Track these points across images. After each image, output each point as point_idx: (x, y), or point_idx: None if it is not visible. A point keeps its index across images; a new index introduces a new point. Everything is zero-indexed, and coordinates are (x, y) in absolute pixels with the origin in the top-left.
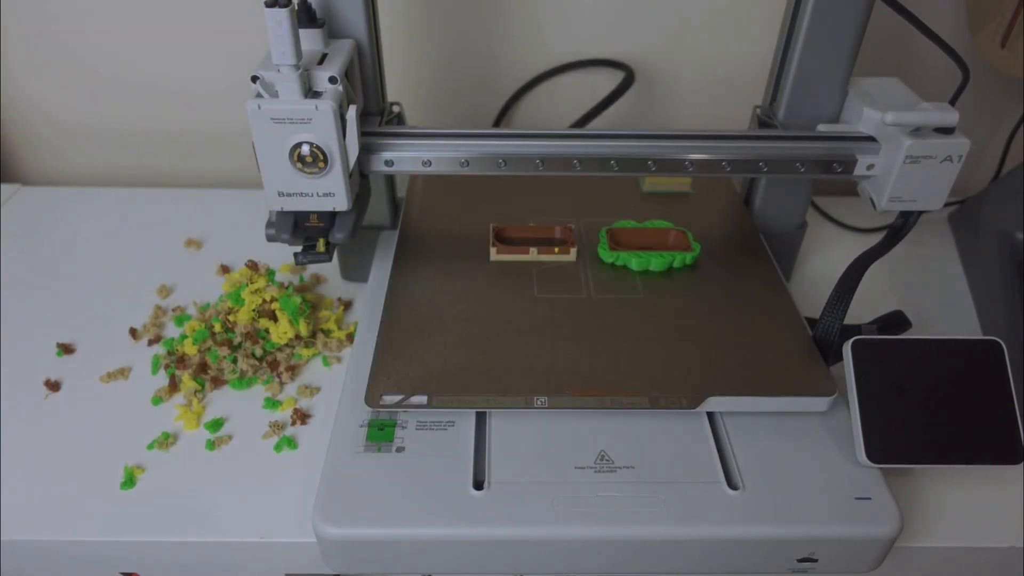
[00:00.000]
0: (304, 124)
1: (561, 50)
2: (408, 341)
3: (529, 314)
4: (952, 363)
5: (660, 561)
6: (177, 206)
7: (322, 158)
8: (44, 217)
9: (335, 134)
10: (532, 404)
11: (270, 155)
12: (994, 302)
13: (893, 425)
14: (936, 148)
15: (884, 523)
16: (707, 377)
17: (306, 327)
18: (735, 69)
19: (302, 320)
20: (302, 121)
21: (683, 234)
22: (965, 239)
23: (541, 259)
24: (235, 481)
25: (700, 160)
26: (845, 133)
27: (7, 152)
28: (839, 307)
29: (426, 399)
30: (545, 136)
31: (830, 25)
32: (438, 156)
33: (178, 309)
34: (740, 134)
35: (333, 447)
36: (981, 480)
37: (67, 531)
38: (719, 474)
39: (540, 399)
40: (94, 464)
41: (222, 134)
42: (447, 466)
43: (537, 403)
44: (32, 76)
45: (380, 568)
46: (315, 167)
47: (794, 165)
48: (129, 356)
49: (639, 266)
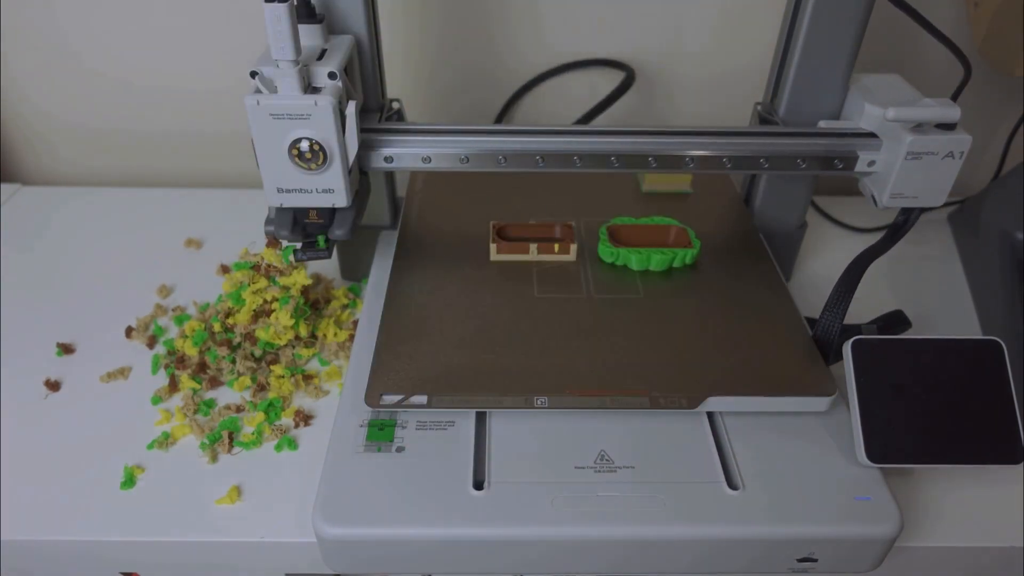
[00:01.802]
0: (303, 120)
1: (562, 48)
2: (408, 341)
3: (529, 314)
4: (952, 363)
5: (660, 561)
6: (177, 206)
7: (321, 154)
8: (44, 217)
9: (334, 130)
10: (532, 404)
11: (269, 151)
12: (994, 302)
13: (893, 425)
14: (938, 144)
15: (884, 523)
16: (707, 377)
17: (306, 328)
18: (736, 66)
19: (302, 321)
20: (301, 117)
21: (684, 231)
22: (965, 239)
23: (541, 259)
24: (235, 481)
25: (701, 156)
26: (846, 129)
27: (7, 152)
28: (839, 306)
29: (426, 399)
30: (545, 132)
31: (831, 21)
32: (438, 152)
33: (178, 309)
34: (741, 130)
35: (333, 447)
36: (981, 480)
37: (67, 531)
38: (719, 474)
39: (540, 399)
40: (94, 464)
41: (222, 134)
42: (447, 466)
43: (537, 403)
44: (32, 76)
45: (380, 568)
46: (314, 163)
47: (795, 162)
48: (129, 356)
49: (639, 265)
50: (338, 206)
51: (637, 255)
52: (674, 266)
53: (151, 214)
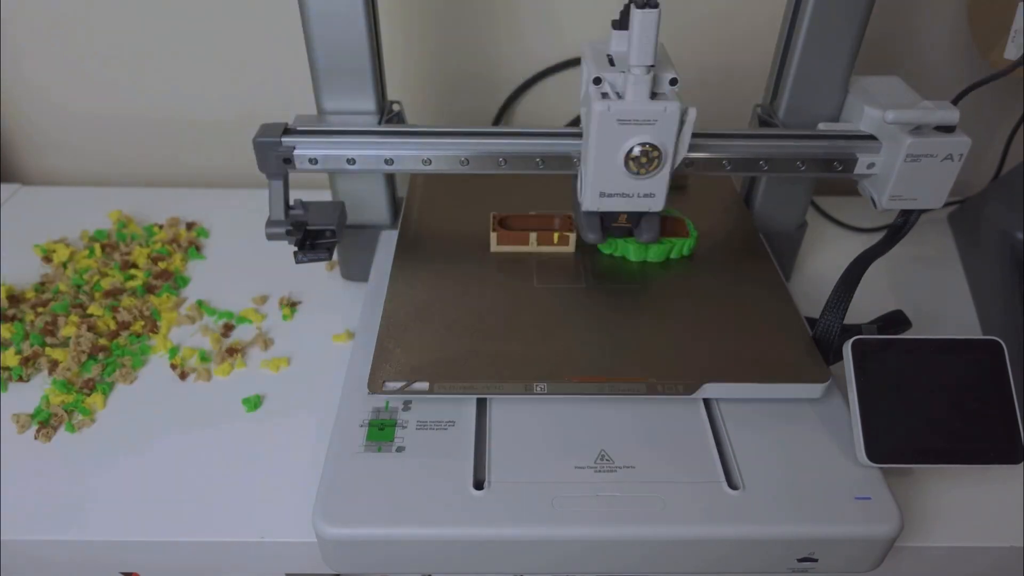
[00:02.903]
0: (648, 125)
1: (560, 49)
2: (410, 330)
3: (529, 303)
4: (952, 363)
5: (660, 561)
6: (177, 206)
7: (656, 159)
8: (44, 217)
9: (675, 136)
10: (532, 390)
11: (604, 156)
12: (994, 302)
13: (893, 425)
14: (937, 147)
15: (884, 523)
16: (703, 364)
17: None
18: (735, 68)
19: None
20: (647, 123)
21: (681, 220)
22: (965, 239)
23: (540, 250)
24: (235, 481)
25: (701, 159)
26: (846, 132)
27: (7, 152)
28: (840, 306)
29: (428, 386)
30: (545, 135)
31: (831, 24)
32: (438, 155)
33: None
34: (741, 133)
35: (333, 447)
36: (981, 480)
37: (67, 531)
38: (719, 474)
39: (540, 385)
40: (94, 464)
41: (223, 134)
42: (447, 466)
43: (537, 389)
44: (33, 76)
45: (380, 568)
46: (647, 168)
47: (795, 164)
48: None
49: (637, 256)
50: (653, 210)
51: (635, 246)
52: (671, 257)
53: (151, 214)
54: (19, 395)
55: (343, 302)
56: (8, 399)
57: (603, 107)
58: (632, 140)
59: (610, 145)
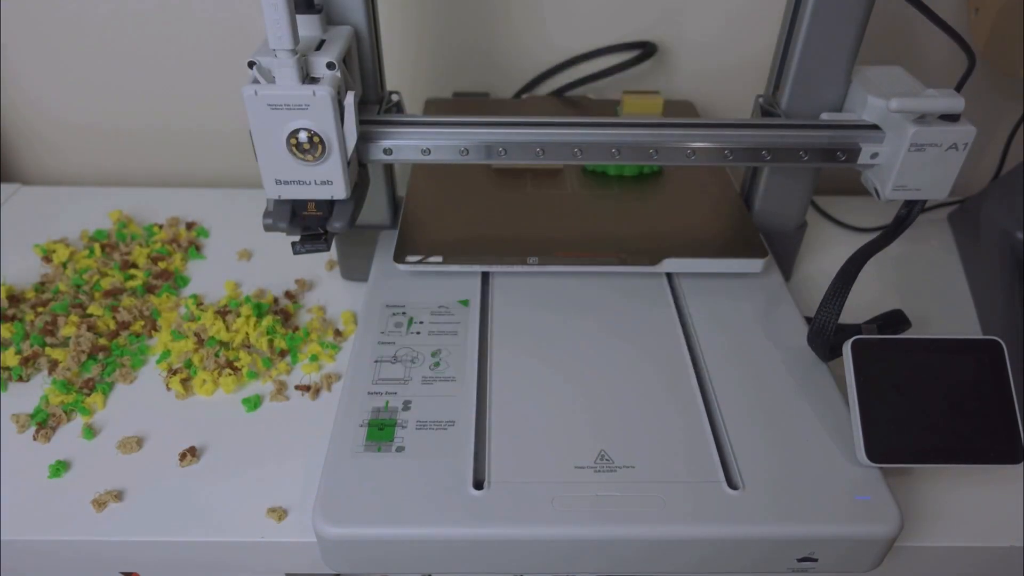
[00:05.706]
0: (301, 110)
1: (563, 40)
2: (427, 221)
3: (524, 203)
4: (952, 363)
5: (660, 561)
6: (177, 206)
7: (320, 145)
8: (44, 217)
9: (333, 121)
10: (526, 262)
11: (267, 142)
12: (994, 302)
13: (893, 425)
14: (941, 136)
15: (884, 523)
16: (664, 245)
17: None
18: (738, 57)
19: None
20: (299, 107)
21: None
22: (965, 239)
23: (535, 164)
24: (235, 481)
25: (703, 148)
26: (849, 121)
27: (7, 152)
28: (836, 300)
29: (441, 259)
30: (546, 124)
31: (833, 13)
32: (437, 144)
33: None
34: (743, 122)
35: (333, 447)
36: (981, 480)
37: (67, 531)
38: (719, 473)
39: (532, 259)
40: (94, 464)
41: (224, 133)
42: (447, 466)
43: (530, 261)
44: (33, 76)
45: (380, 568)
46: (312, 154)
47: (797, 154)
48: None
49: (615, 171)
50: (336, 198)
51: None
52: (643, 172)
53: (151, 214)
54: (19, 395)
55: (343, 302)
56: (8, 399)
57: (250, 91)
58: (290, 125)
59: (269, 130)
